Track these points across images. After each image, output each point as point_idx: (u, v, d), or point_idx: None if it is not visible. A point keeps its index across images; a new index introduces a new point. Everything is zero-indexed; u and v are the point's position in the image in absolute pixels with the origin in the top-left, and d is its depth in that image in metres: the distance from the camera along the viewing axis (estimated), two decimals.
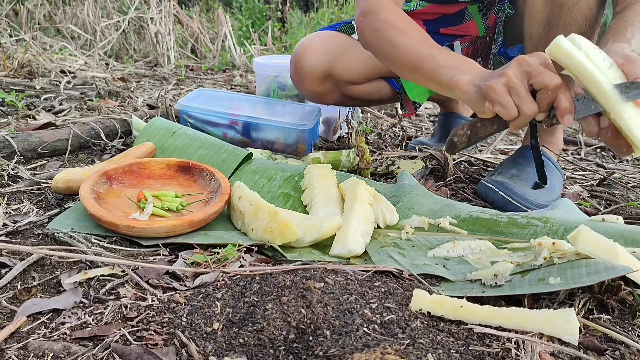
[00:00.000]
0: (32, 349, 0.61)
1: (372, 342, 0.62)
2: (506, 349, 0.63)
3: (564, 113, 0.84)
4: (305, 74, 1.40)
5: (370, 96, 1.50)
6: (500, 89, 0.85)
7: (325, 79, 1.41)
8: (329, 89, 1.44)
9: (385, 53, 1.08)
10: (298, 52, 1.42)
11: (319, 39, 1.42)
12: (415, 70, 1.02)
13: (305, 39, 1.45)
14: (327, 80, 1.42)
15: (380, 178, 1.36)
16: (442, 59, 0.98)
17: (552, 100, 0.85)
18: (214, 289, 0.73)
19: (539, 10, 1.12)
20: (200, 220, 0.93)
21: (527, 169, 1.21)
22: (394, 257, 0.87)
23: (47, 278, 0.77)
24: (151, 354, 0.59)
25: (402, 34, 1.04)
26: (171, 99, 2.03)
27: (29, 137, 1.30)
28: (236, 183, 1.03)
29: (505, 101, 0.85)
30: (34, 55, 2.39)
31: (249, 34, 4.07)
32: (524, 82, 0.85)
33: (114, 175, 1.05)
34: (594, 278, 0.70)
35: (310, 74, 1.40)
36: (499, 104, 0.86)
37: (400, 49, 1.03)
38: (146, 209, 0.95)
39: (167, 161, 1.11)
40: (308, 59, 1.39)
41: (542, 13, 1.12)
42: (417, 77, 1.04)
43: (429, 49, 1.01)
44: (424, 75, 1.01)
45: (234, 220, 1.00)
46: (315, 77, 1.40)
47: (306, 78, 1.41)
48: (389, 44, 1.05)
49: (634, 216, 1.16)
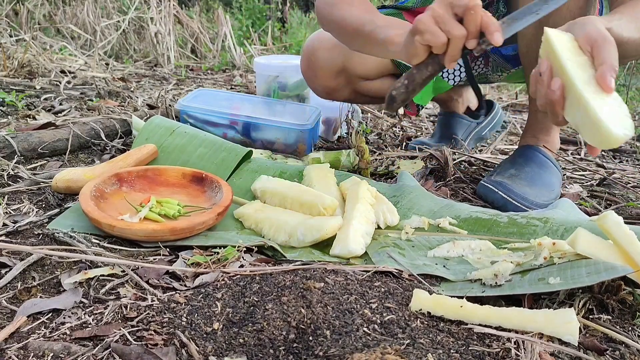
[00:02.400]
0: (32, 349, 0.61)
1: (372, 342, 0.62)
2: (506, 349, 0.63)
3: (492, 31, 0.86)
4: (320, 67, 1.40)
5: (380, 93, 1.50)
6: (427, 19, 0.88)
7: (339, 73, 1.41)
8: (342, 84, 1.45)
9: (337, 25, 1.15)
10: (311, 46, 1.42)
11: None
12: (358, 36, 1.08)
13: (318, 33, 1.45)
14: (341, 75, 1.42)
15: (380, 178, 1.36)
16: (379, 21, 1.04)
17: (478, 22, 0.86)
18: (214, 289, 0.73)
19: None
20: (184, 228, 0.90)
21: (525, 169, 1.21)
22: (394, 258, 0.87)
23: (47, 278, 0.77)
24: (151, 354, 0.59)
25: (348, 5, 1.13)
26: (171, 99, 2.03)
27: (29, 137, 1.30)
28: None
29: (433, 29, 0.87)
30: (34, 55, 2.39)
31: (249, 34, 4.07)
32: (447, 11, 0.87)
33: (126, 178, 1.06)
34: (594, 278, 0.70)
35: (325, 67, 1.40)
36: (428, 32, 0.88)
37: (346, 19, 1.11)
38: (140, 212, 0.95)
39: (183, 170, 1.12)
40: (323, 53, 1.39)
41: None
42: (360, 42, 1.10)
43: (370, 15, 1.07)
44: (365, 38, 1.06)
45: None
46: (330, 71, 1.41)
47: (320, 71, 1.41)
48: (339, 16, 1.13)
49: (634, 216, 1.16)
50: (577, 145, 1.93)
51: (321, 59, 1.40)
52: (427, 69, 0.95)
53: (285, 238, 0.93)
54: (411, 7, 1.45)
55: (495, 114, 1.75)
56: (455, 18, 0.87)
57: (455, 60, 0.90)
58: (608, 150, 1.90)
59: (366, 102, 1.60)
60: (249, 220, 0.99)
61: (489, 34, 0.86)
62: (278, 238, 0.94)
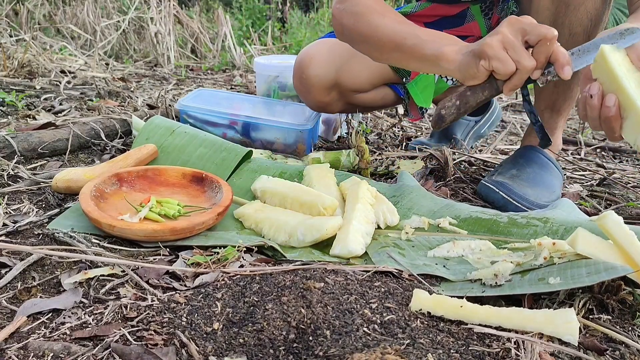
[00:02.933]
0: (32, 349, 0.61)
1: (372, 342, 0.62)
2: (506, 349, 0.63)
3: (563, 64, 0.83)
4: (312, 84, 1.39)
5: (375, 103, 1.50)
6: (497, 45, 0.84)
7: (331, 88, 1.40)
8: (335, 99, 1.43)
9: (365, 36, 1.08)
10: (302, 63, 1.40)
11: (323, 48, 1.41)
12: (397, 49, 1.02)
13: (308, 49, 1.43)
14: (333, 90, 1.41)
15: (380, 178, 1.36)
16: (423, 34, 0.99)
17: (549, 54, 0.83)
18: (214, 289, 0.73)
19: (545, 9, 1.12)
20: (184, 228, 0.90)
21: (527, 169, 1.21)
22: (394, 258, 0.87)
23: (47, 278, 0.77)
24: (151, 354, 0.59)
25: (380, 16, 1.05)
26: (171, 99, 2.03)
27: (29, 137, 1.30)
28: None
29: (502, 56, 0.84)
30: (34, 55, 2.39)
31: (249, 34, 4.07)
32: (518, 38, 0.84)
33: (126, 178, 1.06)
34: (594, 278, 0.70)
35: (318, 84, 1.39)
36: (496, 59, 0.84)
37: (380, 29, 1.04)
38: (140, 212, 0.95)
39: (183, 170, 1.12)
40: (314, 70, 1.38)
41: (548, 11, 1.11)
42: (398, 55, 1.03)
43: (409, 27, 1.01)
44: (407, 52, 1.00)
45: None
46: (322, 88, 1.39)
47: (313, 89, 1.40)
48: (369, 26, 1.06)
49: (634, 216, 1.16)
50: (577, 145, 1.93)
51: (313, 75, 1.38)
52: (483, 93, 0.91)
53: (285, 238, 0.93)
54: (410, 12, 1.45)
55: (493, 111, 1.75)
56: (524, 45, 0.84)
57: (516, 89, 0.87)
58: (608, 150, 1.90)
59: (361, 111, 1.59)
60: (249, 220, 0.99)
61: (559, 68, 0.83)
62: (278, 238, 0.94)
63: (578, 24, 1.08)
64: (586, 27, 1.08)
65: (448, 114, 0.93)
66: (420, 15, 1.44)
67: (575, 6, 1.07)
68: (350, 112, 1.54)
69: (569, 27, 1.09)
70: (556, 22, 1.11)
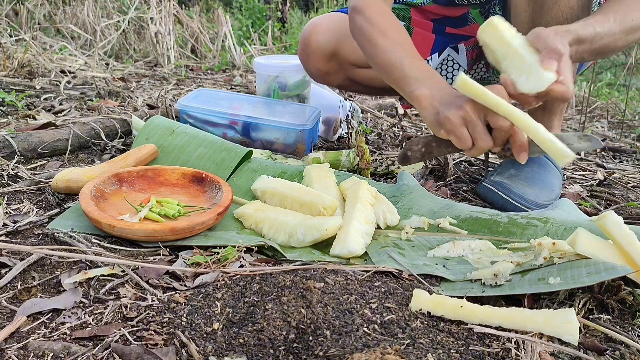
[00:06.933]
0: (32, 349, 0.61)
1: (372, 342, 0.62)
2: (506, 349, 0.63)
3: (520, 150, 0.88)
4: (312, 51, 1.43)
5: (373, 82, 1.50)
6: (457, 121, 0.88)
7: (331, 58, 1.44)
8: (334, 69, 1.47)
9: (367, 51, 1.11)
10: (307, 30, 1.45)
11: (328, 19, 1.46)
12: (387, 75, 1.06)
13: (315, 18, 1.48)
14: (332, 60, 1.45)
15: (380, 178, 1.36)
16: (409, 69, 1.00)
17: (507, 137, 0.88)
18: (214, 289, 0.73)
19: (523, 10, 1.14)
20: (184, 228, 0.90)
21: (525, 169, 1.21)
22: (394, 258, 0.87)
23: (47, 278, 0.77)
24: (151, 354, 0.59)
25: (380, 35, 1.07)
26: (171, 99, 2.03)
27: (29, 137, 1.30)
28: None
29: (460, 133, 0.88)
30: (34, 55, 2.39)
31: (249, 34, 4.07)
32: (480, 116, 0.88)
33: (126, 178, 1.06)
34: (594, 278, 0.70)
35: (317, 50, 1.43)
36: (454, 134, 0.89)
37: (378, 50, 1.07)
38: (140, 212, 0.95)
39: (183, 170, 1.12)
40: (316, 36, 1.42)
41: (525, 13, 1.14)
42: (389, 81, 1.07)
43: (400, 56, 1.03)
44: (392, 82, 1.05)
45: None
46: (322, 55, 1.43)
47: (313, 55, 1.44)
48: (370, 43, 1.09)
49: (634, 216, 1.16)
50: None
51: (314, 42, 1.42)
52: (446, 149, 0.97)
53: (285, 238, 0.93)
54: (420, 4, 1.45)
55: None
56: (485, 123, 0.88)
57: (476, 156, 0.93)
58: (608, 150, 1.90)
59: (360, 90, 1.62)
60: (249, 220, 0.99)
61: (516, 153, 0.88)
62: (278, 238, 0.94)
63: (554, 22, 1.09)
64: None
65: (413, 157, 1.00)
66: (427, 10, 1.44)
67: (549, 6, 1.09)
68: (351, 89, 1.56)
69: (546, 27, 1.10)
70: (534, 23, 1.12)
